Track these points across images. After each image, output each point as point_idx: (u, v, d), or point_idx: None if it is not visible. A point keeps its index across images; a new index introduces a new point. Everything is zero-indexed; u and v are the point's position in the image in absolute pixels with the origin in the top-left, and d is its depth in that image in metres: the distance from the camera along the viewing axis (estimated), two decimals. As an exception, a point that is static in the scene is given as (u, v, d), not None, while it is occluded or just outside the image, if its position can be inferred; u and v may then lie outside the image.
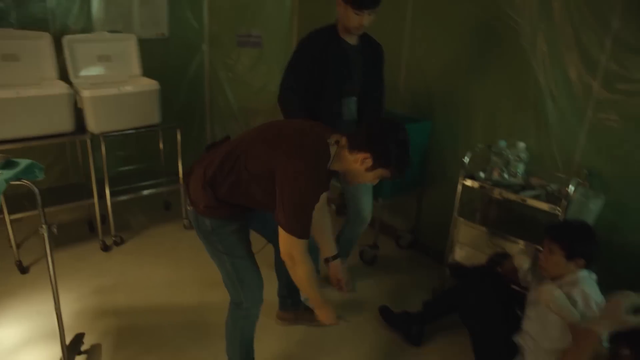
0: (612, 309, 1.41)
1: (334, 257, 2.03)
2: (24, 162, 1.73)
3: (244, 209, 1.74)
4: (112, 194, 2.96)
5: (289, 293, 2.35)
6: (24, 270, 2.75)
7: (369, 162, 1.60)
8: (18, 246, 2.77)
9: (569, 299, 1.80)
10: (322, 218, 1.96)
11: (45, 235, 1.77)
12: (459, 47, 2.79)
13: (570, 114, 2.34)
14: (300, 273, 1.67)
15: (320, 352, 2.29)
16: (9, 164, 1.71)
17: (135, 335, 2.30)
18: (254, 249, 1.83)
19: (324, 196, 1.86)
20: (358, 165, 1.62)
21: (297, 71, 2.31)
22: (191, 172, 1.77)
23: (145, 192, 3.22)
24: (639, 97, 2.09)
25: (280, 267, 2.11)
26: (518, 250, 2.10)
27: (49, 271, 1.86)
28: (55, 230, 1.78)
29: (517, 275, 2.19)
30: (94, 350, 2.17)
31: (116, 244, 3.09)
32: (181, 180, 3.28)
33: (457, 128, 2.87)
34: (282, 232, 1.58)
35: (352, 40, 2.31)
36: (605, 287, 2.03)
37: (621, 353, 1.39)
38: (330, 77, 2.30)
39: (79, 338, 2.13)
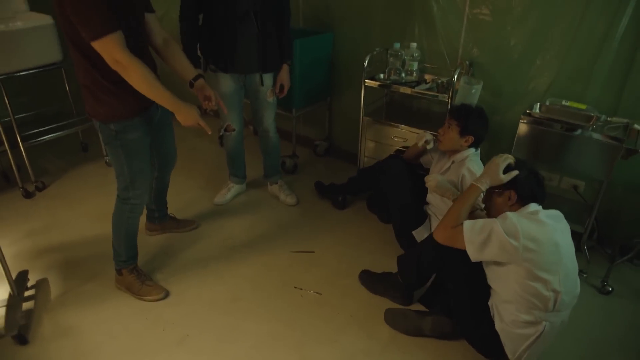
0: (490, 169, 1.76)
1: (196, 78, 2.04)
2: None
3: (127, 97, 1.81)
4: (23, 140, 2.88)
5: (156, 207, 2.54)
6: (-58, 226, 2.68)
7: None
8: None
9: (458, 174, 2.19)
10: (168, 47, 1.99)
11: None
12: (351, -43, 2.93)
13: (451, 13, 2.63)
14: (135, 75, 1.68)
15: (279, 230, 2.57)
16: None
17: (77, 266, 2.40)
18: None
19: (152, 20, 1.91)
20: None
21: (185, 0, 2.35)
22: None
23: (59, 133, 3.15)
24: (504, -9, 2.41)
25: (150, 187, 2.30)
26: (422, 135, 2.43)
27: None
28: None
29: (419, 160, 2.56)
30: (41, 284, 2.26)
31: (38, 189, 3.05)
32: (94, 118, 3.24)
33: (356, 36, 3.08)
34: (96, 47, 1.60)
35: None
36: (490, 158, 2.46)
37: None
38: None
39: (23, 275, 2.20)
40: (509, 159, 1.76)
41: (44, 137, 3.06)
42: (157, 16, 1.94)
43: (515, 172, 1.72)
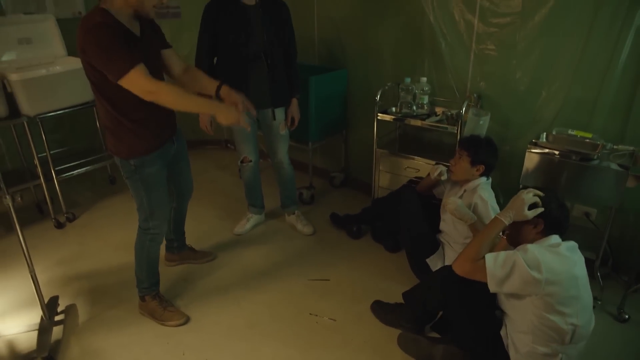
0: (516, 204, 1.73)
1: (219, 87, 2.09)
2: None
3: (145, 132, 1.97)
4: (56, 174, 3.08)
5: (175, 236, 2.65)
6: (-20, 256, 2.85)
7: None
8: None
9: (470, 202, 2.26)
10: (187, 72, 2.12)
11: (10, 204, 1.93)
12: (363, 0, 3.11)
13: (459, 49, 2.76)
14: (168, 97, 1.78)
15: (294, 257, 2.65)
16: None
17: (104, 293, 2.52)
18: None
19: (170, 54, 2.07)
20: None
21: (204, 36, 2.54)
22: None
23: (89, 167, 3.35)
24: (508, 28, 2.53)
25: (169, 217, 2.44)
26: (436, 167, 2.51)
27: (19, 237, 2.04)
28: (20, 199, 1.94)
29: (432, 192, 2.64)
30: (70, 309, 2.39)
31: (69, 220, 3.23)
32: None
33: (369, 72, 3.23)
34: (124, 84, 1.71)
35: (250, 1, 2.49)
36: (502, 186, 2.51)
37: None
38: (233, 38, 2.50)
39: (54, 300, 2.33)
40: (535, 196, 1.71)
41: (75, 171, 3.26)
42: (173, 49, 2.10)
43: (540, 209, 1.68)
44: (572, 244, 1.69)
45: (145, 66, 1.75)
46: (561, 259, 1.60)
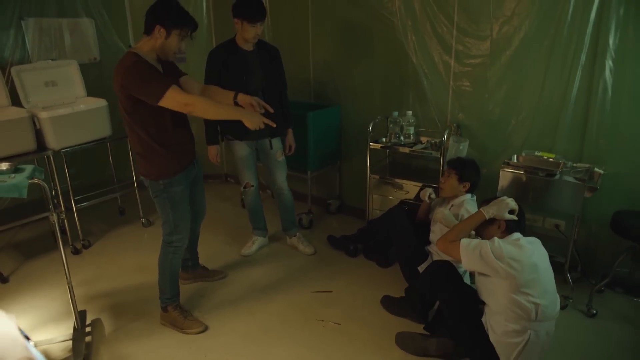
0: (499, 203, 2.11)
1: (235, 95, 2.37)
2: (29, 166, 2.16)
3: (172, 158, 2.28)
4: (75, 203, 3.34)
5: (190, 255, 2.91)
6: (4, 280, 3.05)
7: None
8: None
9: (457, 213, 2.60)
10: (205, 91, 2.41)
11: (55, 221, 2.20)
12: (352, 43, 3.54)
13: (439, 86, 3.18)
14: (201, 105, 2.10)
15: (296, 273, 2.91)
16: (17, 170, 2.13)
17: (125, 309, 2.74)
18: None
19: (187, 79, 2.39)
20: None
21: (210, 77, 2.90)
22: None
23: (102, 198, 3.61)
24: (480, 67, 2.96)
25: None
26: (424, 190, 2.86)
27: (60, 251, 2.31)
28: (63, 215, 2.20)
29: (429, 218, 2.94)
30: (96, 323, 2.61)
31: (85, 247, 3.45)
32: (135, 184, 3.72)
33: (360, 107, 3.63)
34: (164, 104, 2.04)
35: (248, 47, 2.88)
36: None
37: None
38: (235, 79, 2.87)
39: (83, 314, 2.55)
40: (517, 205, 2.09)
41: (91, 201, 3.52)
42: (189, 75, 2.43)
43: (515, 218, 2.07)
44: (533, 238, 2.08)
45: (176, 87, 2.09)
46: (521, 249, 1.96)
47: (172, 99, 2.06)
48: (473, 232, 2.23)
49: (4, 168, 2.10)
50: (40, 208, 3.43)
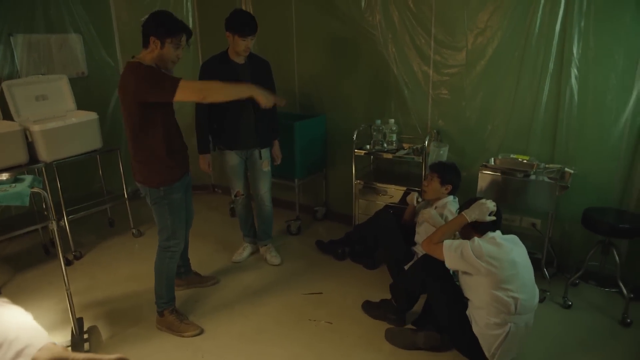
0: (480, 206, 2.23)
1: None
2: (29, 176, 2.23)
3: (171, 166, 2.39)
4: (66, 215, 3.38)
5: (182, 262, 2.96)
6: (-5, 292, 3.07)
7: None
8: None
9: (441, 214, 2.74)
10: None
11: (55, 229, 2.26)
12: (336, 56, 3.70)
13: (419, 94, 3.35)
14: (215, 86, 2.31)
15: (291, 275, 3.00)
16: (17, 180, 2.20)
17: (120, 316, 2.80)
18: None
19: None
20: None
21: None
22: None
23: (92, 210, 3.66)
24: (456, 77, 3.15)
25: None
26: (411, 195, 3.01)
27: (59, 257, 2.37)
28: (65, 224, 2.27)
29: (414, 220, 3.07)
30: (93, 329, 2.65)
31: (76, 258, 3.49)
32: (126, 195, 3.78)
33: (344, 116, 3.78)
34: (179, 96, 2.15)
35: (240, 60, 2.99)
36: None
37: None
38: None
39: (80, 321, 2.59)
40: (494, 206, 2.21)
41: (80, 213, 3.56)
42: (183, 78, 2.48)
43: (494, 218, 2.20)
44: (512, 236, 2.23)
45: (185, 80, 2.21)
46: (499, 247, 2.11)
47: (187, 88, 2.17)
48: (457, 234, 2.37)
49: (5, 178, 2.17)
50: (29, 221, 3.46)
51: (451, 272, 2.36)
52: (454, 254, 2.16)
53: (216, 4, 4.18)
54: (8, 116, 3.32)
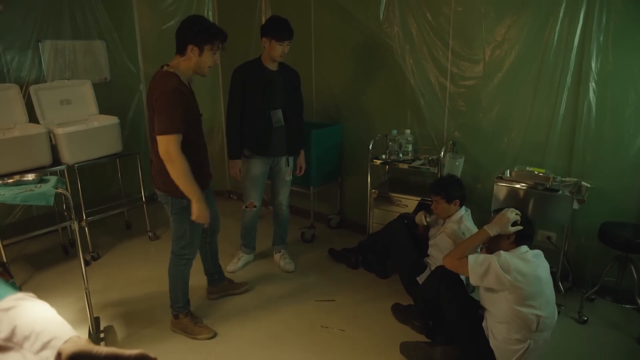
0: (500, 219, 2.19)
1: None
2: (53, 177, 2.30)
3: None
4: (86, 216, 3.46)
5: (215, 269, 2.99)
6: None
7: None
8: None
9: (459, 227, 2.74)
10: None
11: (77, 229, 2.32)
12: (353, 66, 3.75)
13: (435, 106, 3.37)
14: (178, 167, 2.16)
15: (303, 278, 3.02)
16: (43, 180, 2.27)
17: (135, 317, 2.85)
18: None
19: None
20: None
21: (234, 96, 3.05)
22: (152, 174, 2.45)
23: (111, 212, 3.73)
24: (473, 89, 3.16)
25: (206, 252, 2.86)
26: (419, 214, 3.00)
27: (79, 256, 2.42)
28: (85, 225, 2.33)
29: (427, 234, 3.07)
30: (109, 329, 2.70)
31: (94, 259, 3.56)
32: (144, 199, 3.85)
33: (361, 126, 3.81)
34: (159, 139, 2.13)
35: (273, 67, 3.04)
36: (478, 216, 2.99)
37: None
38: (259, 95, 3.02)
39: (97, 320, 2.65)
40: (518, 215, 2.15)
41: (99, 215, 3.64)
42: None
43: (520, 227, 2.12)
44: (538, 251, 2.17)
45: (180, 137, 2.18)
46: (527, 263, 2.06)
47: (167, 143, 2.15)
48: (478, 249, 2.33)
49: (31, 178, 2.24)
50: (49, 221, 3.55)
51: (465, 282, 2.35)
52: (479, 269, 2.08)
53: (236, 13, 4.27)
54: (34, 119, 3.42)
